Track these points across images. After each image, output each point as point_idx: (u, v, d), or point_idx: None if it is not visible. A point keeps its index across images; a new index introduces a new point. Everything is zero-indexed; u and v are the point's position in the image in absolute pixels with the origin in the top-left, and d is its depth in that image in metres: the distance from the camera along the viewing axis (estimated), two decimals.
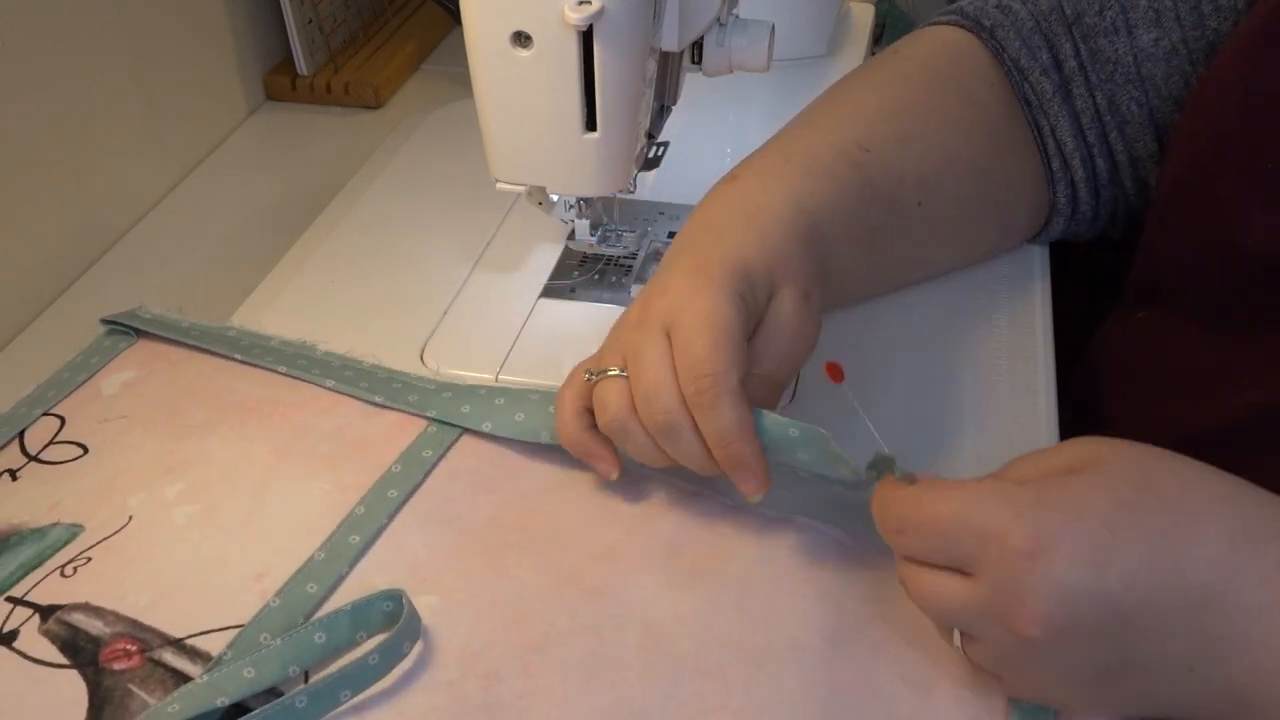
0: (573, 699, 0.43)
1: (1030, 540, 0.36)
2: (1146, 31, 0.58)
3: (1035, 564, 0.35)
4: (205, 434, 0.54)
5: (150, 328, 0.61)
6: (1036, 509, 0.36)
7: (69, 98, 0.70)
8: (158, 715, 0.41)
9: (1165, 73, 0.59)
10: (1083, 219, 0.65)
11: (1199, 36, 0.57)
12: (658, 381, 0.45)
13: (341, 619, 0.44)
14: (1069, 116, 0.61)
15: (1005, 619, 0.36)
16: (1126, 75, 0.59)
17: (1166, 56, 0.58)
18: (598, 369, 0.48)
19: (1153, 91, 0.59)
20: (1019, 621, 0.36)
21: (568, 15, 0.49)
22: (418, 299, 0.64)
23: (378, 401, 0.55)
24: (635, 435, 0.47)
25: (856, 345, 0.61)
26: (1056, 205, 0.64)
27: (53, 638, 0.45)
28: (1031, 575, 0.36)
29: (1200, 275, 0.56)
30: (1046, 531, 0.36)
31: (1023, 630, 0.36)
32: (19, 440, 0.55)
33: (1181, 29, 0.58)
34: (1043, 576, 0.35)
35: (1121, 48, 0.59)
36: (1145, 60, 0.59)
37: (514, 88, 0.54)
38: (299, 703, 0.41)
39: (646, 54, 0.54)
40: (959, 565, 0.38)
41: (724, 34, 0.60)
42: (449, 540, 0.49)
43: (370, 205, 0.73)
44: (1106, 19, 0.59)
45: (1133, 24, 0.59)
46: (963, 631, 0.40)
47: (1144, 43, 0.59)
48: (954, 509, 0.37)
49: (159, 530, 0.50)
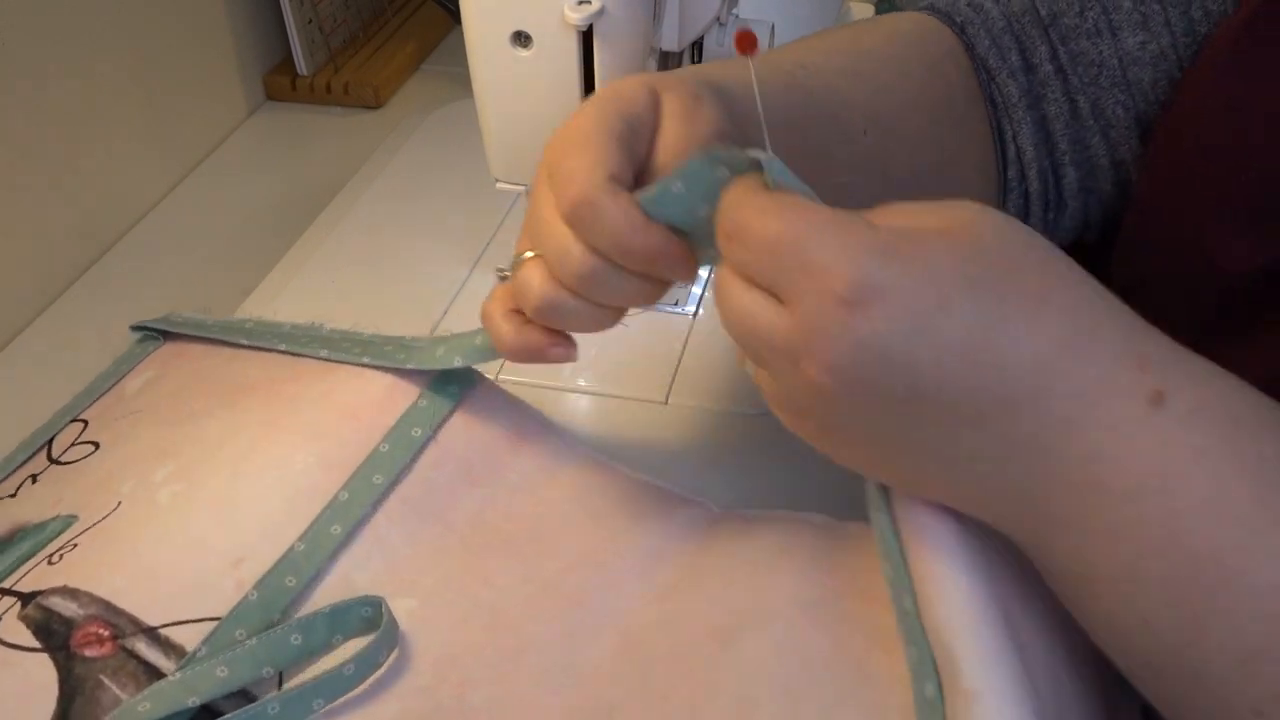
0: (544, 705, 0.43)
1: (851, 287, 0.33)
2: (1132, 35, 0.58)
3: (848, 312, 0.33)
4: (203, 417, 0.53)
5: (178, 329, 0.60)
6: (872, 256, 0.33)
7: (69, 98, 0.70)
8: (128, 714, 0.40)
9: (1153, 77, 0.58)
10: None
11: (1190, 43, 0.56)
12: (558, 234, 0.40)
13: (319, 622, 0.44)
14: (1033, 124, 0.59)
15: (800, 358, 0.34)
16: (1112, 78, 0.58)
17: (1154, 61, 0.57)
18: (511, 262, 0.44)
19: (1139, 95, 0.58)
20: (812, 364, 0.34)
21: (568, 15, 0.49)
22: (418, 299, 0.64)
23: (365, 362, 0.53)
24: (567, 308, 0.42)
25: None
26: (1004, 209, 0.63)
27: (29, 622, 0.44)
28: (838, 323, 0.33)
29: (1172, 284, 0.56)
30: (872, 282, 0.33)
31: (813, 374, 0.34)
32: (47, 448, 0.55)
33: (1171, 34, 0.57)
34: (849, 327, 0.33)
35: (1105, 50, 0.58)
36: (1131, 64, 0.58)
37: (514, 88, 0.54)
38: (271, 709, 0.41)
39: (646, 54, 0.54)
40: (776, 290, 0.35)
41: (724, 34, 0.60)
42: (431, 537, 0.49)
43: (370, 205, 0.73)
44: (1088, 20, 0.58)
45: (1116, 26, 0.58)
46: (756, 360, 0.37)
47: (1129, 46, 0.58)
48: (791, 230, 0.34)
49: (143, 512, 0.49)
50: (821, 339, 0.33)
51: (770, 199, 0.36)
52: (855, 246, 0.33)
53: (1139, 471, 0.33)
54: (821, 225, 0.34)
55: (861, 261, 0.33)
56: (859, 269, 0.33)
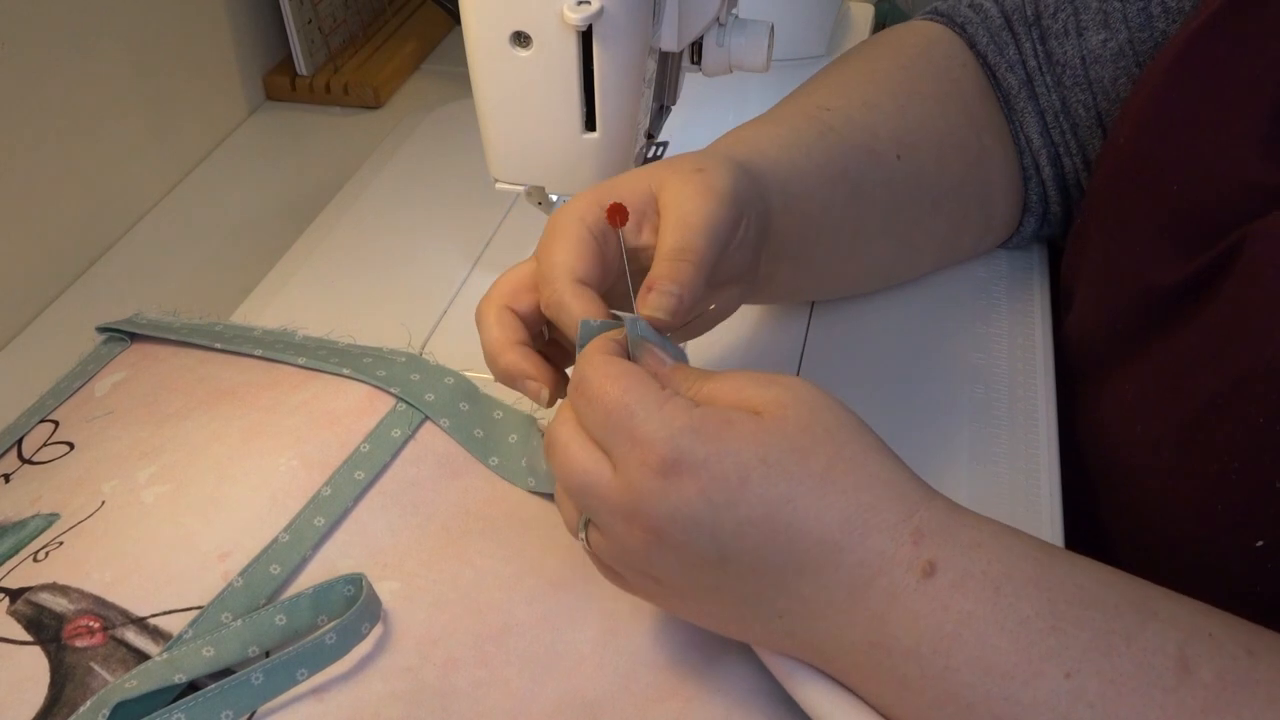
0: (527, 690, 0.43)
1: (668, 463, 0.37)
2: (1096, 33, 0.58)
3: (664, 484, 0.37)
4: (181, 420, 0.54)
5: (144, 330, 0.61)
6: (685, 435, 0.37)
7: (69, 97, 0.70)
8: (115, 691, 0.41)
9: (1113, 75, 0.58)
10: (1055, 220, 0.64)
11: (1146, 38, 0.57)
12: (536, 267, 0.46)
13: (303, 602, 0.44)
14: (1034, 114, 0.61)
15: (630, 517, 0.38)
16: (1074, 78, 0.59)
17: (1114, 58, 0.58)
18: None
19: (1100, 94, 0.59)
20: (634, 526, 0.38)
21: (567, 15, 0.49)
22: (417, 299, 0.64)
23: (345, 374, 0.55)
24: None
25: (850, 342, 0.61)
26: (1029, 203, 0.63)
27: (19, 617, 0.45)
28: (656, 490, 0.37)
29: (1102, 290, 0.56)
30: (686, 460, 0.37)
31: (639, 534, 0.38)
32: (17, 447, 0.56)
33: (1129, 29, 0.57)
34: (664, 498, 0.37)
35: (1070, 50, 0.59)
36: (1094, 63, 0.58)
37: (514, 88, 0.54)
38: (255, 679, 0.41)
39: (646, 54, 0.54)
40: (608, 450, 0.39)
41: (723, 34, 0.60)
42: (413, 525, 0.49)
43: (370, 205, 0.73)
44: (1059, 21, 0.59)
45: (1083, 26, 0.58)
46: (589, 516, 0.41)
47: (1093, 44, 0.58)
48: (626, 402, 0.39)
49: (128, 511, 0.49)
50: (645, 503, 0.38)
51: (618, 368, 0.40)
52: (675, 425, 0.38)
53: (916, 634, 0.37)
54: (650, 403, 0.38)
55: (677, 440, 0.37)
56: (673, 446, 0.37)
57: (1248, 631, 0.37)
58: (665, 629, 0.45)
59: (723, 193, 0.45)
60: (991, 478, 0.53)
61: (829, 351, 0.60)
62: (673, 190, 0.45)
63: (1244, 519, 0.46)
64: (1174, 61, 0.52)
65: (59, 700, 0.42)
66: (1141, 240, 0.52)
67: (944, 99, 0.59)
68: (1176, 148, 0.51)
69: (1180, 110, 0.51)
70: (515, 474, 0.52)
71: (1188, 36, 0.51)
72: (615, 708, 0.43)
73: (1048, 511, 0.51)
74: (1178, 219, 0.50)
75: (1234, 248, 0.46)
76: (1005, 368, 0.59)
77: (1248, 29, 0.49)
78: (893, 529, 0.38)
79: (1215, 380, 0.47)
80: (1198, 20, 0.51)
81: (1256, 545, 0.45)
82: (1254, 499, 0.45)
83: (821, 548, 0.38)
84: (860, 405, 0.41)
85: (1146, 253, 0.52)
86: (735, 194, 0.46)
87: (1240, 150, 0.48)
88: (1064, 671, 0.36)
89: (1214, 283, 0.48)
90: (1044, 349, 0.60)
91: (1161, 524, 0.51)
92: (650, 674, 0.44)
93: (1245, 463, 0.45)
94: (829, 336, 0.61)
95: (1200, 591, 0.39)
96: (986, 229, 0.64)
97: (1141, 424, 0.52)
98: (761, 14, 0.61)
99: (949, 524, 0.39)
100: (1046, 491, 0.52)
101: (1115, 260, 0.55)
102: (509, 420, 0.54)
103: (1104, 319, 0.56)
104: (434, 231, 0.70)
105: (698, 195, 0.45)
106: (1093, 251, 0.57)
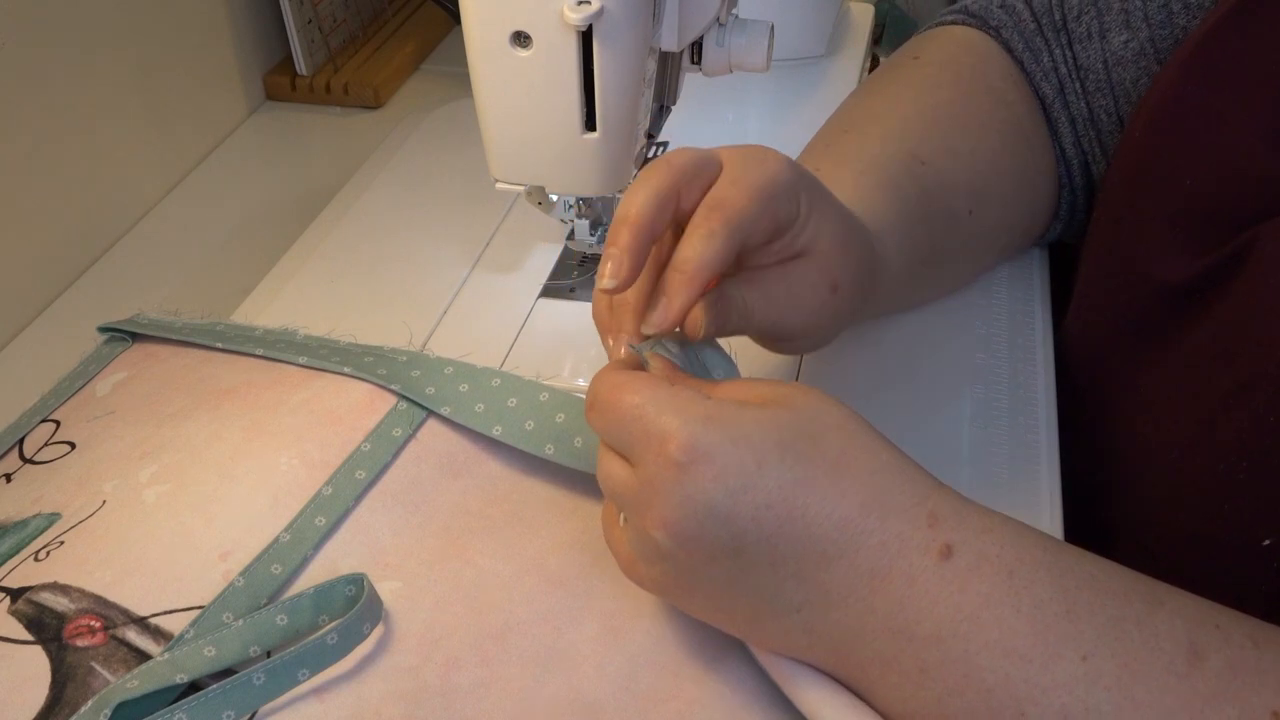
0: (528, 689, 0.43)
1: (684, 452, 0.38)
2: (1118, 34, 0.58)
3: (681, 474, 0.38)
4: (182, 419, 0.54)
5: (146, 330, 0.61)
6: (702, 424, 0.38)
7: (69, 97, 0.70)
8: (117, 691, 0.41)
9: (1134, 76, 0.58)
10: (1075, 224, 0.65)
11: (1166, 35, 0.57)
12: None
13: (304, 601, 0.44)
14: (1067, 123, 0.61)
15: (644, 512, 0.39)
16: (1097, 83, 0.59)
17: (1135, 59, 0.58)
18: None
19: (1121, 97, 0.59)
20: (651, 520, 0.39)
21: (567, 15, 0.49)
22: (417, 299, 0.64)
23: (347, 372, 0.55)
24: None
25: (852, 343, 0.61)
26: (1059, 211, 0.64)
27: (20, 616, 0.45)
28: (673, 483, 0.38)
29: (1111, 287, 0.57)
30: (701, 448, 0.37)
31: (652, 529, 0.39)
32: (18, 447, 0.56)
33: (1149, 27, 0.57)
34: (682, 486, 0.38)
35: (1094, 54, 0.59)
36: (1115, 65, 0.58)
37: (514, 88, 0.54)
38: (256, 680, 0.41)
39: (646, 54, 0.54)
40: (626, 453, 0.40)
41: (723, 34, 0.60)
42: (414, 525, 0.49)
43: (370, 205, 0.73)
44: (1083, 25, 0.59)
45: (1106, 28, 0.58)
46: (622, 510, 0.42)
47: (1115, 46, 0.58)
48: (635, 403, 0.39)
49: (129, 511, 0.49)
50: (660, 495, 0.38)
51: (624, 376, 0.41)
52: (689, 415, 0.38)
53: (937, 618, 0.37)
54: (660, 399, 0.39)
55: (691, 429, 0.38)
56: (689, 435, 0.38)
57: (1251, 624, 0.38)
58: (667, 629, 0.45)
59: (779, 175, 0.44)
60: (991, 478, 0.53)
61: (829, 351, 0.60)
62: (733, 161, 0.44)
63: (1252, 518, 0.46)
64: (1189, 56, 0.52)
65: (60, 700, 0.42)
66: (1153, 235, 0.52)
67: (1005, 131, 0.60)
68: (1190, 142, 0.51)
69: (1194, 105, 0.51)
70: (522, 439, 0.51)
71: (1204, 32, 0.51)
72: (616, 707, 0.43)
73: (1048, 512, 0.51)
74: (1190, 213, 0.50)
75: (1245, 246, 0.46)
76: (1005, 368, 0.59)
77: (1262, 24, 0.49)
78: (908, 511, 0.38)
79: (1225, 379, 0.47)
80: (1215, 15, 0.51)
81: (1264, 544, 0.45)
82: (1262, 498, 0.45)
83: (841, 531, 0.38)
84: (860, 405, 0.41)
85: (1157, 248, 0.52)
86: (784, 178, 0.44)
87: (1253, 145, 0.48)
88: (1080, 654, 0.36)
89: (1225, 281, 0.48)
90: (1044, 349, 0.60)
91: (1168, 522, 0.51)
92: (651, 674, 0.44)
93: (1254, 461, 0.45)
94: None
95: (1206, 589, 0.39)
96: (1025, 239, 0.66)
97: (1151, 422, 0.52)
98: (761, 14, 0.61)
99: (961, 509, 0.39)
100: (1046, 491, 0.52)
101: (1125, 256, 0.55)
102: (507, 385, 0.53)
103: (1112, 316, 0.56)
104: (434, 231, 0.70)
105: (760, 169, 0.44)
106: (1102, 247, 0.57)
